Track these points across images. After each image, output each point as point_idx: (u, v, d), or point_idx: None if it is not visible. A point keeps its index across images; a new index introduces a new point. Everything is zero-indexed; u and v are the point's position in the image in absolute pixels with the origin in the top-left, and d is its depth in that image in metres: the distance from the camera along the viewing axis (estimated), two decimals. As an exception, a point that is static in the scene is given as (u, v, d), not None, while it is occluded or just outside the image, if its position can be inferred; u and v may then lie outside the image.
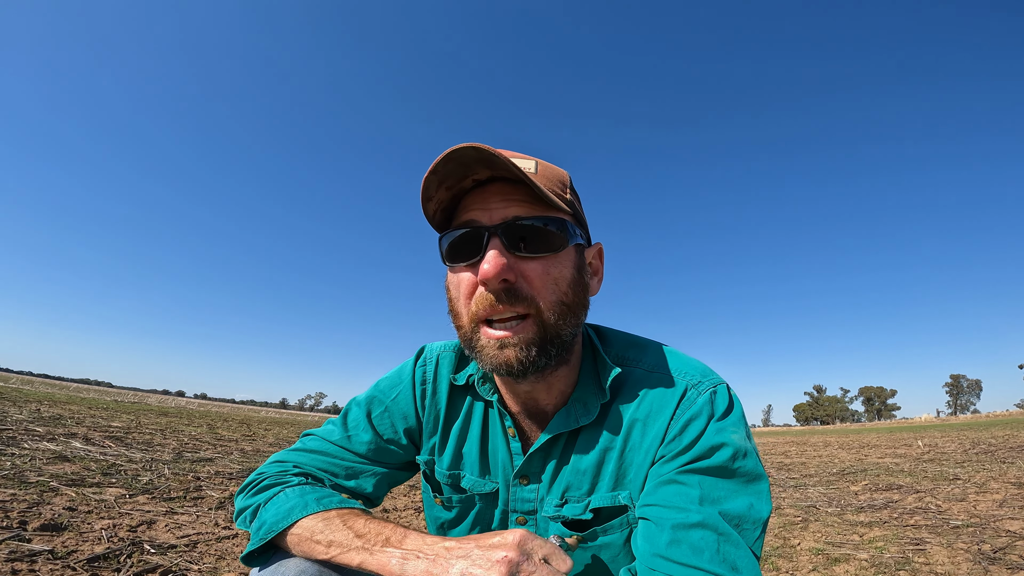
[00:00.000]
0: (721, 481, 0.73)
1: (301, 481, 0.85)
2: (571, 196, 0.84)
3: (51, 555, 2.09)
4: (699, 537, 0.67)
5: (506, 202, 0.77)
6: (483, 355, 0.77)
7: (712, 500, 0.71)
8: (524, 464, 0.87)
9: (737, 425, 0.78)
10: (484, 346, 0.77)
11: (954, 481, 5.37)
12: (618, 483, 0.83)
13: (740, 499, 0.71)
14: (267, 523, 0.77)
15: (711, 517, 0.68)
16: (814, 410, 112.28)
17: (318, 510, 0.76)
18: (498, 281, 0.74)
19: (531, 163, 0.80)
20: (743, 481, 0.74)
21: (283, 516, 0.77)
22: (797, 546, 3.03)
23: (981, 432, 15.79)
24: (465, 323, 0.79)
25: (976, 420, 40.48)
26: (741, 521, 0.69)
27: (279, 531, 0.76)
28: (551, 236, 0.77)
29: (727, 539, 0.67)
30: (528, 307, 0.75)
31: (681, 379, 0.83)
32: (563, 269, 0.78)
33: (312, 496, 0.79)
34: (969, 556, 2.62)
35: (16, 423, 6.30)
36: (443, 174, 0.75)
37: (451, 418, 0.95)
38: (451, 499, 0.94)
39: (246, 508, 0.83)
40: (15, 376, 52.15)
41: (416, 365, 0.98)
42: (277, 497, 0.81)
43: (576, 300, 0.80)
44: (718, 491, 0.72)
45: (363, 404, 0.97)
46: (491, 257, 0.73)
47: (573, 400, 0.86)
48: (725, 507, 0.70)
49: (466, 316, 0.79)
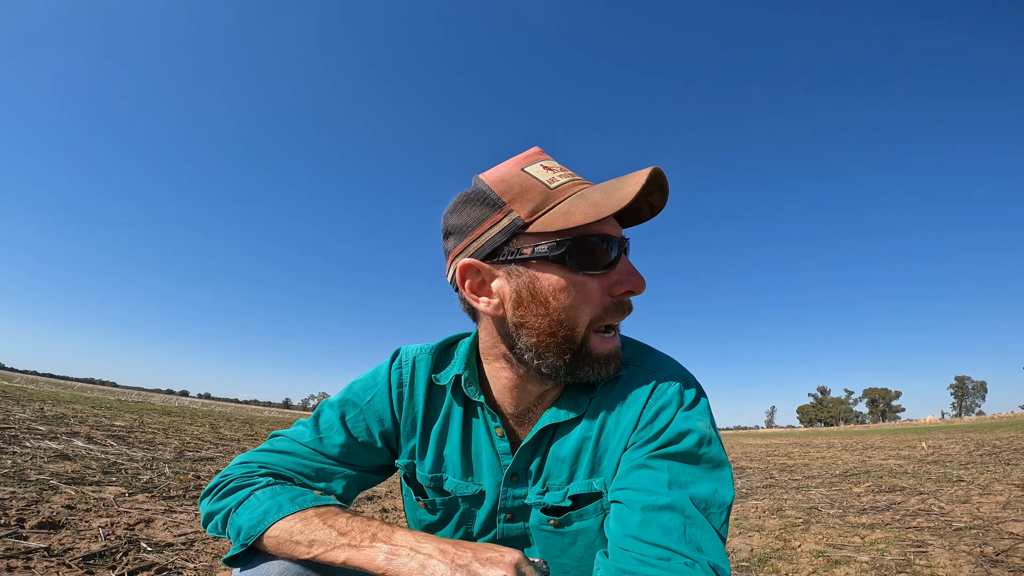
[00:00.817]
0: (688, 467, 0.77)
1: (269, 482, 0.83)
2: None
3: (47, 553, 2.09)
4: (668, 519, 0.70)
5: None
6: (598, 359, 0.83)
7: (680, 484, 0.74)
8: (515, 462, 0.88)
9: (703, 414, 0.83)
10: (598, 349, 0.82)
11: (958, 483, 5.32)
12: (594, 470, 0.86)
13: (705, 484, 0.75)
14: (243, 529, 0.76)
15: (679, 500, 0.71)
16: (818, 412, 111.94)
17: (293, 510, 0.75)
18: (642, 290, 0.83)
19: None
20: (708, 467, 0.77)
21: (258, 520, 0.75)
22: (798, 548, 3.00)
23: (985, 434, 15.68)
24: (582, 329, 0.81)
25: (980, 422, 40.29)
26: (708, 505, 0.73)
27: (257, 535, 0.74)
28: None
29: (693, 522, 0.70)
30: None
31: (653, 372, 0.87)
32: None
33: (285, 496, 0.78)
34: (971, 559, 2.59)
35: (19, 422, 6.32)
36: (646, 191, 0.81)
37: (430, 420, 0.95)
38: (435, 502, 0.93)
39: (215, 513, 0.81)
40: (20, 375, 52.38)
41: (392, 368, 0.97)
42: (248, 500, 0.79)
43: None
44: (685, 475, 0.75)
45: (336, 406, 0.95)
46: (636, 269, 0.83)
47: (564, 395, 0.89)
48: (692, 491, 0.73)
49: (584, 322, 0.81)
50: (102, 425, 7.47)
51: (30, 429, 5.78)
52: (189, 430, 9.18)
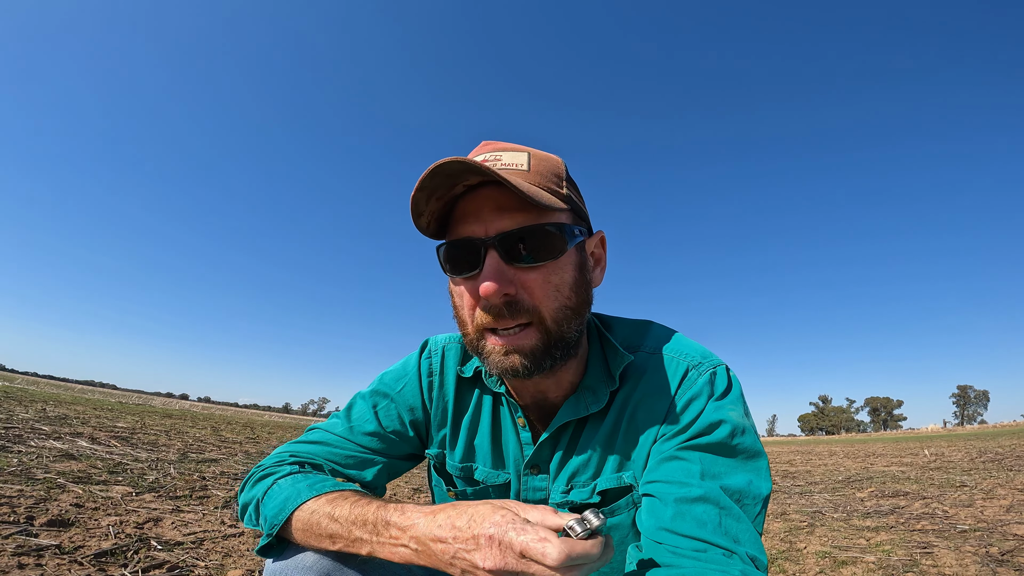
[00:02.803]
0: (720, 458, 0.75)
1: (294, 470, 0.84)
2: (568, 188, 0.82)
3: (58, 550, 2.10)
4: (702, 510, 0.68)
5: (500, 211, 0.75)
6: (489, 361, 0.79)
7: (713, 475, 0.72)
8: (535, 454, 0.88)
9: (736, 403, 0.80)
10: (490, 352, 0.78)
11: (961, 488, 5.32)
12: (622, 464, 0.84)
13: (739, 475, 0.73)
14: (268, 519, 0.77)
15: (713, 491, 0.70)
16: (819, 420, 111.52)
17: (310, 496, 0.76)
18: (498, 297, 0.74)
19: (523, 156, 0.79)
20: (742, 458, 0.75)
21: (279, 509, 0.76)
22: (803, 550, 3.01)
23: (988, 441, 15.63)
24: (470, 331, 0.80)
25: (983, 430, 40.11)
26: (742, 496, 0.71)
27: (280, 525, 0.75)
28: (550, 242, 0.76)
29: (728, 512, 0.68)
30: (530, 316, 0.76)
31: (683, 360, 0.84)
32: (564, 274, 0.78)
33: (304, 484, 0.79)
34: (977, 559, 2.60)
35: (22, 422, 6.33)
36: (431, 188, 0.74)
37: (460, 410, 0.95)
38: (465, 492, 0.94)
39: (248, 504, 0.83)
40: (20, 376, 52.37)
41: (421, 357, 0.98)
42: (271, 489, 0.80)
43: (579, 301, 0.80)
44: (718, 467, 0.74)
45: (368, 397, 0.97)
46: (489, 274, 0.73)
47: (582, 388, 0.86)
48: (726, 482, 0.72)
49: (471, 325, 0.79)
50: (105, 426, 7.48)
51: (34, 429, 5.79)
52: (191, 432, 9.18)
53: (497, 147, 0.81)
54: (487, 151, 0.81)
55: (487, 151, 0.81)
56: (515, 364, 0.76)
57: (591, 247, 0.87)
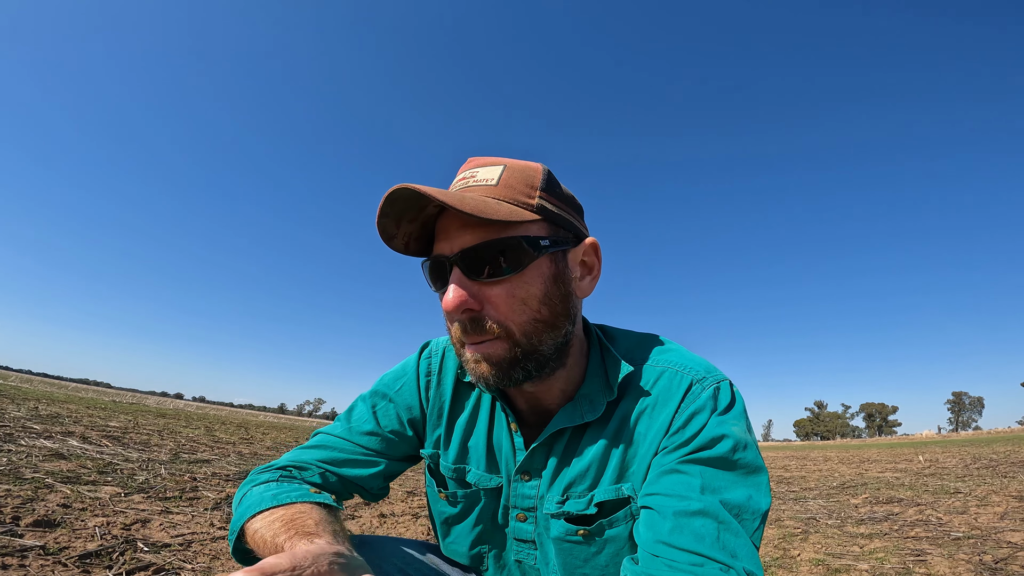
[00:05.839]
0: (721, 472, 0.73)
1: (272, 477, 0.85)
2: (542, 198, 0.78)
3: (42, 551, 2.07)
4: (700, 524, 0.67)
5: (463, 228, 0.75)
6: (467, 369, 0.80)
7: (713, 489, 0.71)
8: (526, 459, 0.86)
9: (738, 419, 0.79)
10: (467, 361, 0.79)
11: (955, 495, 5.32)
12: (621, 476, 0.82)
13: (739, 490, 0.72)
14: (231, 527, 0.80)
15: (712, 505, 0.68)
16: (815, 425, 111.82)
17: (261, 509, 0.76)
18: (459, 313, 0.75)
19: (497, 170, 0.78)
20: (743, 473, 0.74)
21: (238, 518, 0.79)
22: (797, 557, 3.00)
23: (982, 448, 15.68)
24: (454, 342, 0.81)
25: (978, 436, 40.25)
26: (741, 511, 0.70)
27: (237, 533, 0.78)
28: (513, 256, 0.74)
29: (727, 527, 0.67)
30: (498, 331, 0.75)
31: (687, 374, 0.83)
32: (531, 287, 0.76)
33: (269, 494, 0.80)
34: (970, 567, 2.59)
35: (14, 420, 6.27)
36: (396, 213, 0.75)
37: (456, 410, 0.94)
38: (456, 494, 0.92)
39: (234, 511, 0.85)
40: (14, 374, 52.05)
41: (421, 358, 0.98)
42: (245, 497, 0.82)
43: (553, 313, 0.78)
44: (718, 481, 0.72)
45: (368, 398, 0.97)
46: (450, 290, 0.74)
47: (579, 397, 0.84)
48: (725, 496, 0.70)
49: (451, 336, 0.81)
50: (97, 425, 7.42)
51: (25, 428, 5.73)
52: (184, 432, 9.11)
53: (478, 163, 0.82)
54: (469, 167, 0.82)
55: (469, 167, 0.82)
56: (484, 373, 0.77)
57: (578, 256, 0.84)
